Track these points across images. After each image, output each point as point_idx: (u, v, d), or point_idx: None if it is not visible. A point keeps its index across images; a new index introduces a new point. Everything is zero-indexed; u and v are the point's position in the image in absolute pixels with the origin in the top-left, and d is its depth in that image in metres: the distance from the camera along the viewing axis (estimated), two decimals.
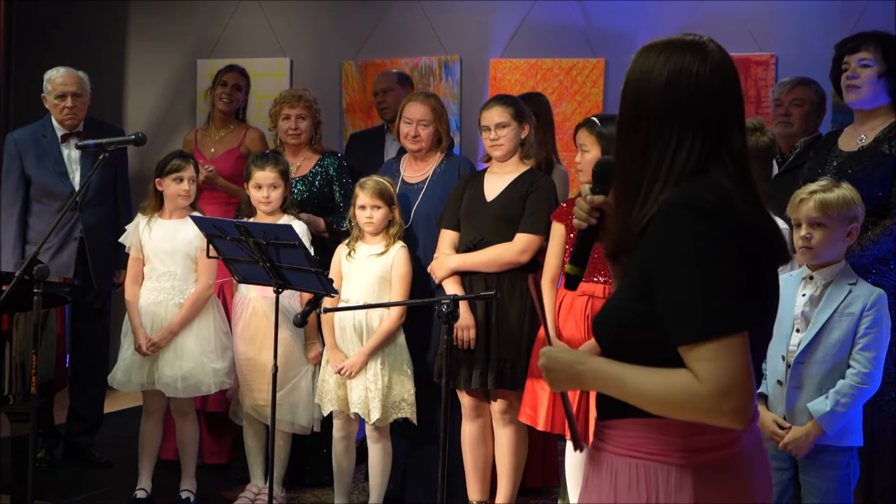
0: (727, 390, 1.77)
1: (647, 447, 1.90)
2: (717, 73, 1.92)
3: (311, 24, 6.96)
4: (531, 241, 4.17)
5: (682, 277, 1.81)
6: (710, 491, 1.87)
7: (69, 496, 4.77)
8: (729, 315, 1.78)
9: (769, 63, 5.79)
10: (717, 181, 1.87)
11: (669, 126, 1.89)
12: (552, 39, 6.32)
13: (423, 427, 4.43)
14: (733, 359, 1.77)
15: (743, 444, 1.91)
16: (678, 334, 1.81)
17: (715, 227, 1.81)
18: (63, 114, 5.10)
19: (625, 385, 1.86)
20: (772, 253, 1.95)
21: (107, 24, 7.48)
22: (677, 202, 1.84)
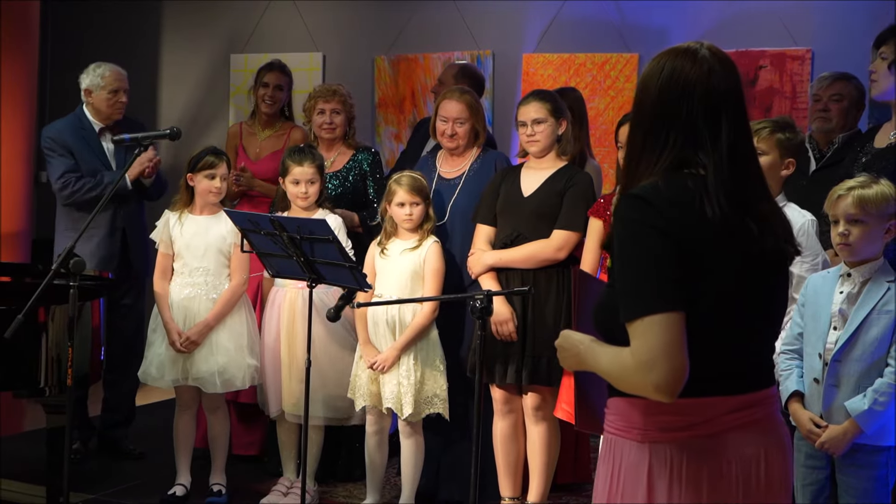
0: (650, 364, 1.91)
1: (617, 423, 2.08)
2: (704, 77, 2.04)
3: (344, 18, 6.97)
4: (568, 237, 4.15)
5: (622, 260, 1.99)
6: (665, 469, 2.01)
7: (103, 488, 4.80)
8: (655, 296, 1.93)
9: (805, 58, 5.74)
10: (686, 177, 2.01)
11: (660, 126, 2.04)
12: (585, 34, 6.30)
13: (456, 422, 4.42)
14: (656, 336, 1.91)
15: (717, 431, 2.02)
16: (622, 313, 1.98)
17: (656, 216, 1.95)
18: (114, 108, 5.19)
19: (597, 362, 2.05)
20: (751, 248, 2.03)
21: (141, 20, 7.52)
22: (631, 193, 2.01)
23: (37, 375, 4.07)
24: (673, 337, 1.92)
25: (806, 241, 3.48)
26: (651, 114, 2.06)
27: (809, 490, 3.29)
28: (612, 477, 2.08)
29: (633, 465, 2.04)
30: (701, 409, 2.02)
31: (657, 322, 1.92)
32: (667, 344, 1.91)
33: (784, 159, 3.55)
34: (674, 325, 1.92)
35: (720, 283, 2.00)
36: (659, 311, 1.92)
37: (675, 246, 1.95)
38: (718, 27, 5.98)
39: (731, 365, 2.05)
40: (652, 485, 2.03)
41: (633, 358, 1.94)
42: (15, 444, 5.57)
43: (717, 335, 2.02)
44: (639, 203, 1.99)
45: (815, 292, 3.31)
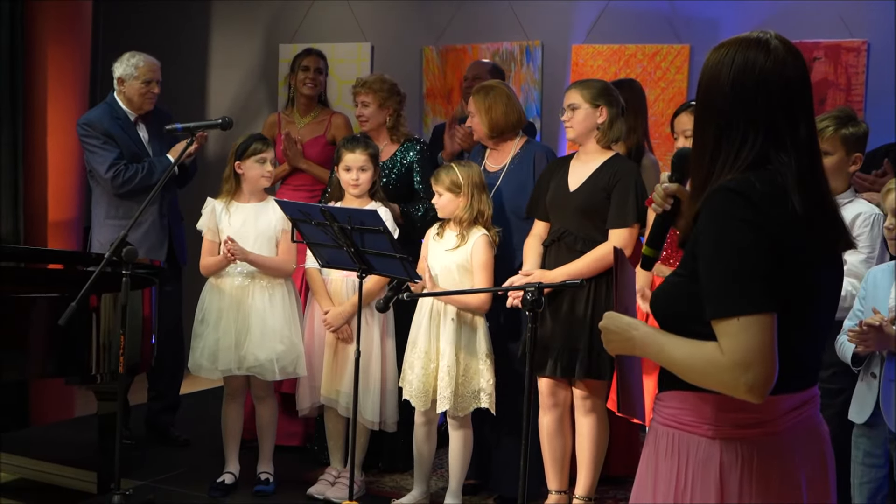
0: (745, 365, 1.88)
1: (682, 418, 2.05)
2: (780, 69, 2.00)
3: (392, 8, 6.96)
4: (624, 234, 4.11)
5: (717, 256, 1.94)
6: (737, 466, 1.99)
7: (152, 474, 4.84)
8: (754, 295, 1.90)
9: (861, 49, 5.65)
10: (773, 173, 1.98)
11: (736, 121, 1.99)
12: (636, 25, 6.24)
13: (505, 415, 4.40)
14: (754, 336, 1.89)
15: (781, 429, 2.02)
16: (709, 309, 1.94)
17: (755, 212, 1.92)
18: (146, 98, 5.21)
19: (663, 351, 2.01)
20: (823, 245, 2.03)
21: (191, 9, 7.56)
22: (726, 186, 1.96)
23: (88, 362, 4.12)
24: (769, 339, 1.90)
25: (868, 231, 3.43)
26: (724, 109, 2.01)
27: (867, 488, 3.25)
28: (678, 473, 2.04)
29: (704, 462, 2.02)
30: (771, 405, 2.00)
31: (754, 323, 1.90)
32: (764, 345, 1.90)
33: (850, 155, 3.50)
34: (769, 327, 1.91)
35: (805, 280, 1.99)
36: (756, 312, 1.90)
37: (768, 242, 1.92)
38: (772, 18, 5.90)
39: (801, 362, 2.05)
40: (724, 482, 2.00)
41: (725, 357, 1.90)
42: (66, 430, 5.65)
43: (798, 332, 2.01)
44: (733, 196, 1.94)
45: (875, 285, 3.27)
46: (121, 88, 5.22)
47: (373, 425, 4.54)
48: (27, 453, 4.98)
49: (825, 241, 2.04)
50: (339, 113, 5.66)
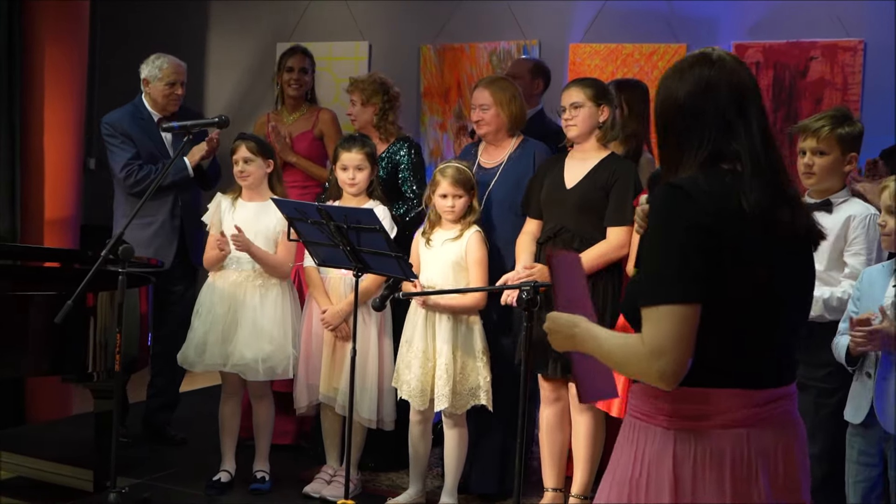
0: (659, 352, 1.97)
1: (643, 409, 2.12)
2: (726, 76, 2.13)
3: (390, 7, 6.96)
4: (624, 233, 4.11)
5: (651, 248, 2.06)
6: (690, 457, 2.05)
7: (148, 472, 4.84)
8: (676, 286, 1.99)
9: (857, 49, 5.66)
10: (724, 172, 2.07)
11: (693, 129, 2.12)
12: (633, 24, 6.25)
13: (500, 412, 4.41)
14: (671, 325, 1.97)
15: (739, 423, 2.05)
16: (640, 298, 2.04)
17: (692, 207, 2.01)
18: (170, 100, 5.25)
19: (598, 345, 2.11)
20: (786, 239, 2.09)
21: (188, 8, 7.57)
22: (669, 183, 2.08)
23: (85, 360, 4.12)
24: (685, 329, 1.98)
25: (864, 232, 3.44)
26: (681, 117, 2.13)
27: (861, 487, 3.26)
28: (635, 461, 2.12)
29: (658, 451, 2.08)
30: (728, 400, 2.05)
31: (673, 312, 1.98)
32: (678, 335, 1.98)
33: (846, 154, 3.51)
34: (688, 317, 1.98)
35: (756, 274, 2.04)
36: (676, 302, 1.98)
37: (705, 238, 2.00)
38: (769, 17, 5.91)
39: (760, 358, 2.09)
40: (677, 472, 2.06)
41: (643, 344, 2.00)
42: (62, 428, 5.65)
43: (750, 327, 2.06)
44: (675, 192, 2.05)
45: (870, 284, 3.27)
46: (146, 90, 5.26)
47: (370, 423, 4.54)
48: (24, 451, 4.97)
49: (788, 234, 2.09)
50: (327, 109, 5.68)
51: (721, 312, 2.02)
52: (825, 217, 3.54)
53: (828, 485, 3.52)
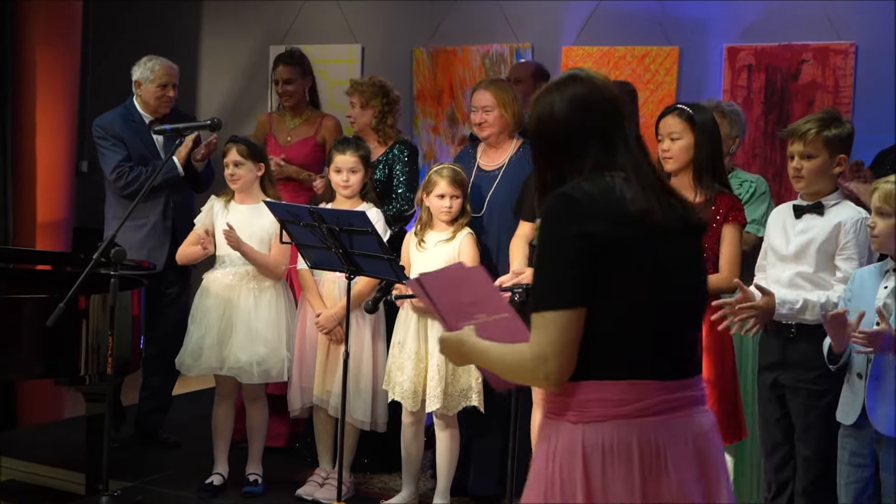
0: (543, 357, 2.08)
1: (554, 407, 2.18)
2: (598, 91, 2.24)
3: (383, 10, 6.96)
4: None
5: (539, 255, 2.15)
6: (598, 449, 2.11)
7: (141, 476, 4.84)
8: (558, 293, 2.08)
9: (849, 52, 5.67)
10: (607, 176, 2.16)
11: (573, 141, 2.21)
12: (625, 27, 6.25)
13: (492, 414, 4.41)
14: (554, 331, 2.07)
15: (644, 414, 2.12)
16: (532, 304, 2.14)
17: (578, 212, 2.10)
18: (162, 102, 5.24)
19: (489, 357, 2.21)
20: (671, 233, 2.17)
21: (182, 11, 7.56)
22: (558, 191, 2.16)
23: (77, 363, 4.12)
24: (567, 335, 2.08)
25: (855, 238, 3.45)
26: (560, 134, 2.23)
27: (853, 488, 3.26)
28: (548, 456, 2.17)
29: (569, 445, 2.14)
30: (632, 391, 2.12)
31: (556, 318, 2.07)
32: (560, 340, 2.08)
33: (834, 157, 3.51)
34: (571, 323, 2.08)
35: (645, 272, 2.13)
36: (559, 308, 2.08)
37: (592, 244, 2.08)
38: (760, 20, 5.92)
39: (666, 350, 2.17)
40: (587, 463, 2.12)
41: (532, 349, 2.10)
42: (55, 432, 5.64)
43: (646, 322, 2.14)
44: (563, 199, 2.13)
45: (861, 286, 3.28)
46: (138, 91, 5.26)
47: (363, 425, 4.54)
48: (16, 455, 4.97)
49: (673, 230, 2.17)
50: (331, 116, 5.61)
51: (615, 310, 2.10)
52: (817, 219, 3.56)
53: (819, 486, 3.53)
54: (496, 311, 2.29)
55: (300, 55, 5.57)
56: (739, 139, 4.46)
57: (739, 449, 4.23)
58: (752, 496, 4.28)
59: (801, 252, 3.56)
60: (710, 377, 3.76)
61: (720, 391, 3.77)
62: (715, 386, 3.76)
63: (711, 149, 3.81)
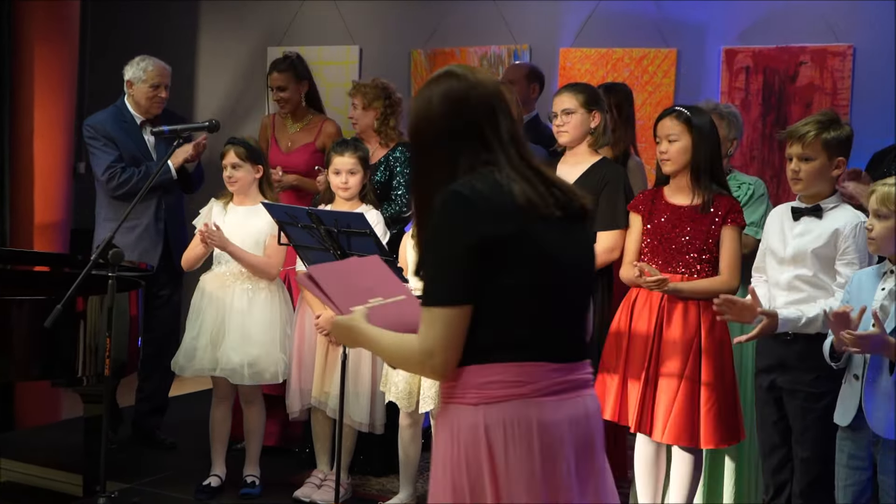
0: (429, 352, 2.18)
1: (453, 391, 2.25)
2: (472, 88, 2.29)
3: (381, 12, 6.96)
4: (614, 236, 4.12)
5: (427, 251, 2.23)
6: (500, 428, 2.19)
7: (138, 477, 4.84)
8: (445, 290, 2.17)
9: (846, 54, 5.67)
10: (492, 172, 2.23)
11: (450, 138, 2.27)
12: (623, 29, 6.26)
13: None
14: (439, 328, 2.16)
15: (538, 394, 2.21)
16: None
17: (468, 209, 2.17)
18: (153, 102, 5.22)
19: (381, 346, 2.29)
20: (558, 222, 2.26)
21: (180, 12, 7.56)
22: (449, 188, 2.21)
23: (75, 365, 4.11)
24: (452, 331, 2.17)
25: (854, 242, 3.45)
26: (436, 131, 2.29)
27: (851, 491, 3.26)
28: (452, 440, 2.24)
29: (471, 427, 2.21)
30: (527, 373, 2.22)
31: (442, 315, 2.16)
32: (445, 336, 2.17)
33: (833, 159, 3.51)
34: (457, 319, 2.17)
35: (534, 263, 2.21)
36: (445, 305, 2.17)
37: (481, 242, 2.15)
38: (758, 23, 5.93)
39: (550, 334, 2.26)
40: (490, 443, 2.20)
41: (419, 342, 2.20)
42: (52, 433, 5.64)
43: (537, 309, 2.23)
44: (455, 197, 2.19)
45: (859, 288, 3.28)
46: (129, 91, 5.23)
47: (361, 426, 4.54)
48: (13, 456, 4.96)
49: (557, 215, 2.25)
50: (331, 121, 5.55)
51: (507, 299, 2.19)
52: (815, 222, 3.56)
53: (817, 488, 3.53)
54: (392, 293, 2.39)
55: (293, 60, 5.48)
56: (737, 141, 4.46)
57: (738, 451, 4.24)
58: (750, 497, 4.28)
59: (799, 255, 3.56)
60: (708, 379, 3.77)
61: (719, 393, 3.78)
62: (714, 388, 3.77)
63: (709, 151, 3.82)
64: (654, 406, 3.82)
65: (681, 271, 3.82)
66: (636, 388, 3.84)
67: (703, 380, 3.77)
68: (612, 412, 3.91)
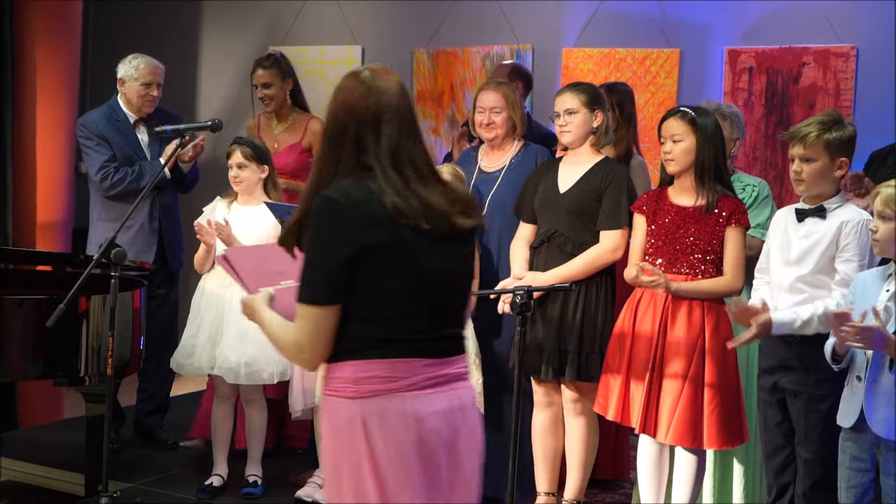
0: (300, 346, 2.34)
1: (333, 385, 2.38)
2: (365, 95, 2.39)
3: (383, 11, 6.96)
4: (617, 236, 4.11)
5: (305, 250, 2.34)
6: (377, 420, 2.33)
7: (141, 477, 4.83)
8: (314, 289, 2.31)
9: (850, 55, 5.67)
10: (370, 178, 2.34)
11: (339, 141, 2.39)
12: (626, 29, 6.26)
13: (493, 416, 4.41)
14: (308, 324, 2.32)
15: (413, 389, 2.35)
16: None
17: (338, 214, 2.29)
18: (145, 101, 5.19)
19: (269, 331, 2.44)
20: (431, 230, 2.35)
21: (181, 12, 7.56)
22: (323, 194, 2.33)
23: (77, 364, 4.11)
24: (319, 328, 2.32)
25: (856, 238, 3.45)
26: (328, 130, 2.42)
27: (853, 492, 3.25)
28: (333, 432, 2.38)
29: (350, 420, 2.34)
30: (400, 369, 2.35)
31: (312, 313, 2.31)
32: (313, 333, 2.32)
33: (835, 160, 3.51)
34: (323, 318, 2.31)
35: (404, 267, 2.33)
36: (314, 304, 2.31)
37: (351, 247, 2.28)
38: (761, 23, 5.93)
39: (421, 333, 2.38)
40: (367, 435, 2.33)
41: (293, 335, 2.35)
42: (54, 432, 5.64)
43: (407, 309, 2.35)
44: (328, 203, 2.31)
45: (864, 290, 3.27)
46: (122, 90, 5.21)
47: None
48: (16, 455, 4.96)
49: (432, 224, 2.35)
50: (317, 118, 5.48)
51: (378, 300, 2.32)
52: (819, 223, 3.55)
53: (820, 490, 3.53)
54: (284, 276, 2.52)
55: (277, 57, 5.45)
56: (739, 141, 4.46)
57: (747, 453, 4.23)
58: (754, 499, 4.27)
59: (804, 256, 3.56)
60: (712, 380, 3.77)
61: (723, 394, 3.78)
62: (718, 389, 3.77)
63: (714, 152, 3.81)
64: (658, 407, 3.81)
65: (685, 272, 3.82)
66: (640, 389, 3.84)
67: (706, 381, 3.77)
68: (615, 413, 3.91)
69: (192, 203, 5.56)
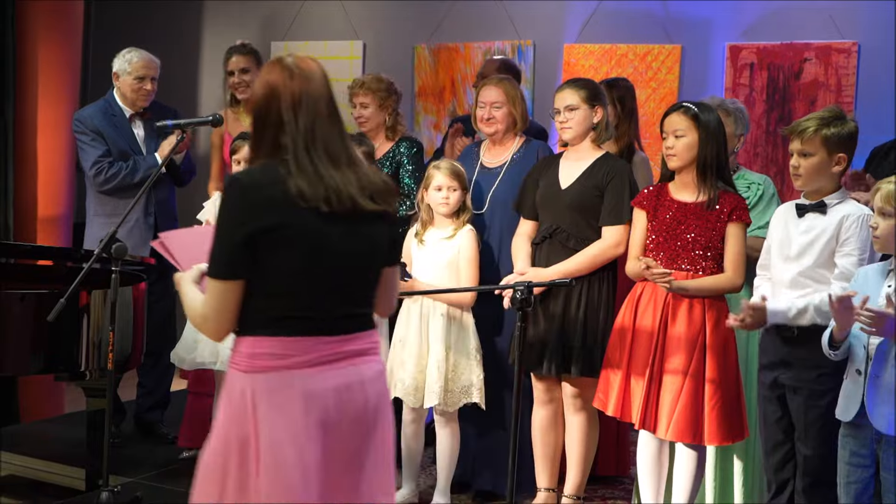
0: (205, 317, 2.49)
1: (233, 358, 2.51)
2: (287, 80, 2.49)
3: (385, 6, 6.95)
4: (620, 231, 4.12)
5: (215, 227, 2.46)
6: (265, 394, 2.43)
7: (141, 471, 4.84)
8: (217, 265, 2.44)
9: (851, 51, 5.67)
10: (280, 162, 2.45)
11: (263, 124, 2.50)
12: (627, 25, 6.25)
13: (493, 412, 4.41)
14: (214, 298, 2.45)
15: (305, 365, 2.45)
16: None
17: (241, 196, 2.42)
18: (139, 95, 5.17)
19: (187, 304, 2.56)
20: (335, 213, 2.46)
21: (182, 8, 7.55)
22: (231, 175, 2.54)
23: (78, 359, 4.11)
24: (225, 302, 2.45)
25: (856, 233, 3.45)
26: (256, 115, 2.51)
27: (853, 488, 3.26)
28: (226, 403, 2.49)
29: (240, 392, 2.46)
30: (294, 346, 2.45)
31: (216, 286, 2.45)
32: (219, 306, 2.45)
33: (833, 156, 3.51)
34: (228, 292, 2.44)
35: (302, 247, 2.43)
36: (217, 278, 2.44)
37: (252, 228, 2.39)
38: (763, 19, 5.92)
39: (318, 310, 2.48)
40: (255, 407, 2.43)
41: (199, 307, 2.50)
42: (55, 427, 5.64)
43: (304, 288, 2.46)
44: (234, 185, 2.45)
45: (864, 285, 3.27)
46: (117, 84, 5.20)
47: None
48: (16, 450, 4.97)
49: (336, 206, 2.44)
50: None
51: (277, 278, 2.43)
52: (820, 219, 3.55)
53: (819, 486, 3.53)
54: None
55: (252, 47, 5.56)
56: (743, 137, 4.45)
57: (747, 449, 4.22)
58: (753, 496, 4.27)
59: (804, 251, 3.56)
60: (713, 376, 3.77)
61: (723, 390, 3.78)
62: (718, 385, 3.77)
63: (716, 148, 3.81)
64: (658, 403, 3.81)
65: (686, 268, 3.81)
66: (640, 384, 3.84)
67: (707, 377, 3.77)
68: (615, 408, 3.91)
69: (190, 197, 5.57)
